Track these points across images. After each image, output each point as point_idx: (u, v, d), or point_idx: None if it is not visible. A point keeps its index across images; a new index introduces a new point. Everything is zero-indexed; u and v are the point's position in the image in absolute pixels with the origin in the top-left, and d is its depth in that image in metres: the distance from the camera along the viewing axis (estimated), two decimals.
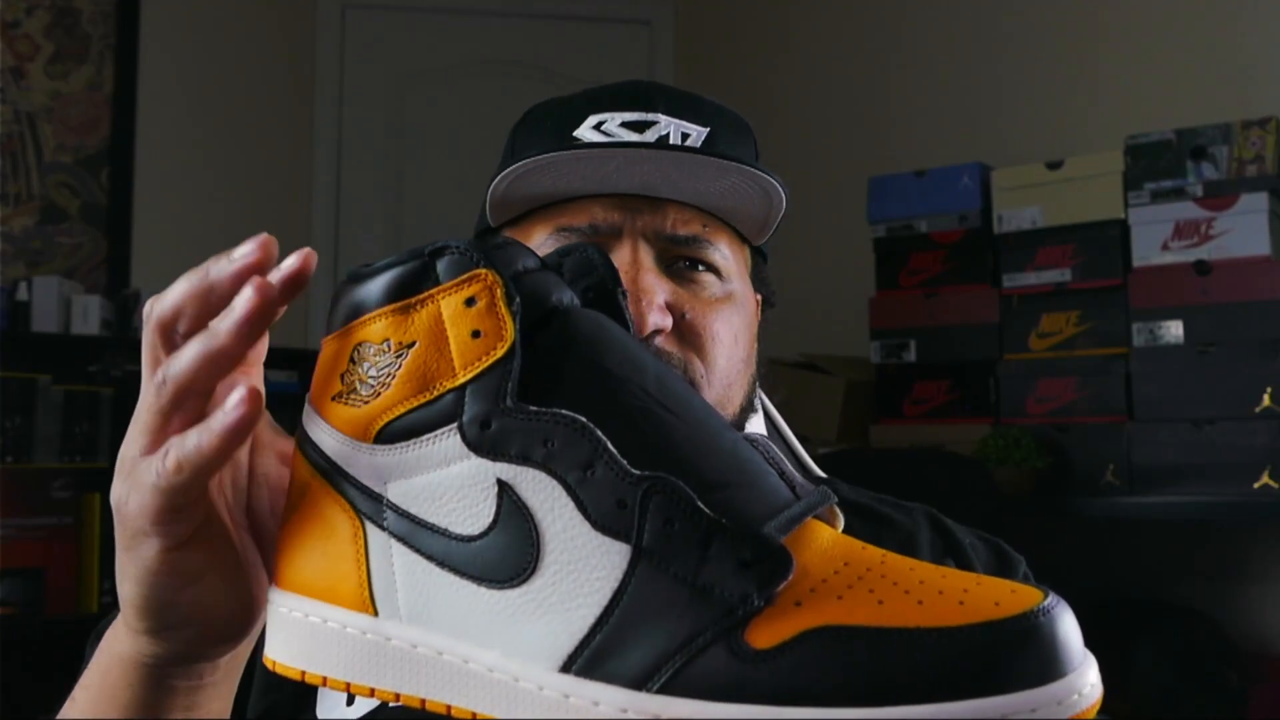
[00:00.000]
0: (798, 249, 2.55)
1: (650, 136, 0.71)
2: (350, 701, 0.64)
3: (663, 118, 0.72)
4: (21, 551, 2.24)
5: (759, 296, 0.80)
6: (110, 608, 0.52)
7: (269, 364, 0.45)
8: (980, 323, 2.20)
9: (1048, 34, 2.55)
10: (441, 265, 0.39)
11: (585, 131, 0.72)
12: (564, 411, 0.37)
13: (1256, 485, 1.86)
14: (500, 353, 0.38)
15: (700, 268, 0.73)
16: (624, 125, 0.72)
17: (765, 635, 0.34)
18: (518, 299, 0.39)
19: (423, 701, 0.38)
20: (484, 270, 0.39)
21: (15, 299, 2.48)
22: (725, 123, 0.76)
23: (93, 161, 2.79)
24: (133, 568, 0.43)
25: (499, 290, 0.39)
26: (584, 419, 0.37)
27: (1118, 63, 2.43)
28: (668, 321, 0.69)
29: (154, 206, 2.86)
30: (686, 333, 0.71)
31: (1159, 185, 2.02)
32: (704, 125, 0.74)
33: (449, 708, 0.37)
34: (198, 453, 0.40)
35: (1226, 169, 1.97)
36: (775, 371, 2.27)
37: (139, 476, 0.42)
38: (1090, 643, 0.35)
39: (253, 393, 0.39)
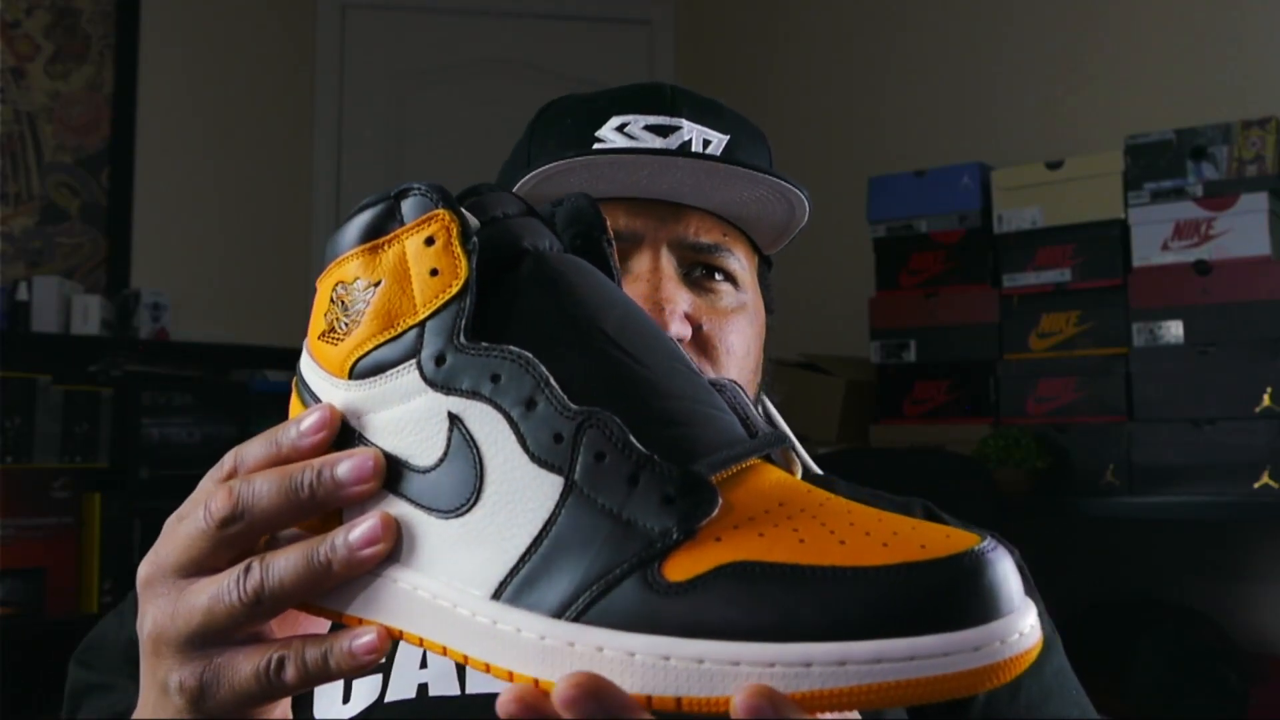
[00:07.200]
0: (798, 249, 2.53)
1: (674, 141, 0.71)
2: (346, 699, 0.65)
3: (686, 123, 0.72)
4: (21, 551, 2.24)
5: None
6: (109, 608, 0.51)
7: (270, 362, 0.45)
8: (980, 323, 2.20)
9: (1047, 34, 2.55)
10: (406, 206, 0.41)
11: (608, 133, 0.72)
12: (511, 347, 0.38)
13: (1256, 485, 1.86)
14: (455, 290, 0.39)
15: (718, 276, 0.73)
16: (648, 129, 0.72)
17: (681, 569, 0.34)
18: (474, 238, 0.40)
19: (386, 628, 0.40)
20: (442, 210, 0.40)
21: (15, 299, 2.48)
22: (744, 130, 0.76)
23: (93, 161, 2.79)
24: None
25: (455, 229, 0.40)
26: (529, 354, 0.37)
27: (1118, 63, 2.43)
28: (688, 331, 0.70)
29: (154, 206, 2.86)
30: (703, 344, 0.71)
31: (1159, 185, 2.01)
32: (725, 132, 0.74)
33: (401, 632, 0.39)
34: (294, 581, 0.39)
35: (1226, 169, 1.97)
36: (776, 372, 2.27)
37: (192, 597, 0.41)
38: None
39: (387, 524, 0.39)
